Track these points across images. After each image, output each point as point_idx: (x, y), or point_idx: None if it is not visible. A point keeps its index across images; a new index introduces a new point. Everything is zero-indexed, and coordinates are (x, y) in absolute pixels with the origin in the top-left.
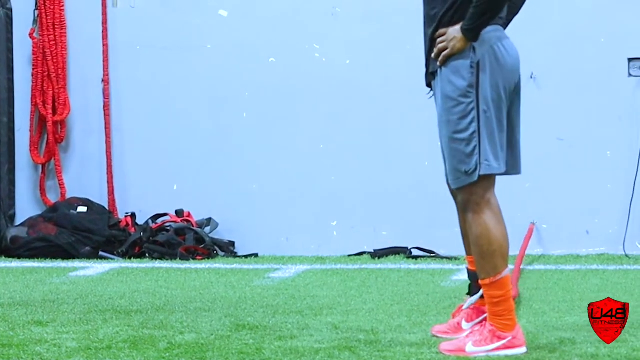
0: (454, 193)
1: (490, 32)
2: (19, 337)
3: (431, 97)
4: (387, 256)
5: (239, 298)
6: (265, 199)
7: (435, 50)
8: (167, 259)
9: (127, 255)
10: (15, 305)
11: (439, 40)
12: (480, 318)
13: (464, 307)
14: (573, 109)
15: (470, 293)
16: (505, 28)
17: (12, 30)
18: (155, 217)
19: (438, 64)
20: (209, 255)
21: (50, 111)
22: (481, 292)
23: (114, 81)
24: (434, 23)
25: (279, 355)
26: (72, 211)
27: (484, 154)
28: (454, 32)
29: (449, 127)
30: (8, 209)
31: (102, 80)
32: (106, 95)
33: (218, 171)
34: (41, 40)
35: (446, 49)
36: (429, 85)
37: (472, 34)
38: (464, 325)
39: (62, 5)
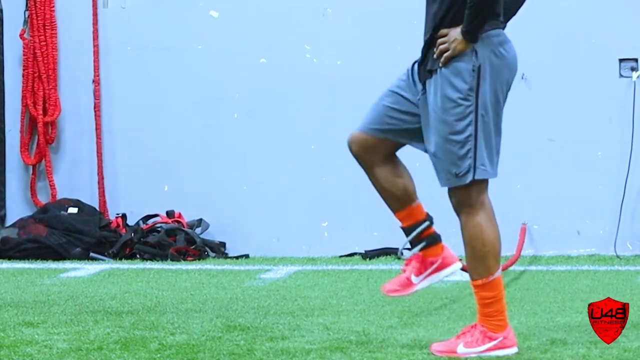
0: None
1: (492, 36)
2: (9, 338)
3: (423, 94)
4: (378, 257)
5: (230, 299)
6: (256, 199)
7: (437, 51)
8: (158, 260)
9: (117, 256)
10: (6, 306)
11: (440, 41)
12: (429, 270)
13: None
14: (564, 110)
15: (412, 248)
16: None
17: (3, 31)
18: (146, 218)
19: (440, 64)
20: (200, 256)
21: (40, 112)
22: (422, 244)
23: (104, 82)
24: (435, 22)
25: (270, 356)
26: (62, 212)
27: (480, 159)
28: (455, 33)
29: (444, 128)
30: None
31: (93, 81)
32: (97, 96)
33: (209, 172)
34: (32, 41)
35: (447, 50)
36: (422, 82)
37: (470, 36)
38: (414, 279)
39: (53, 6)
